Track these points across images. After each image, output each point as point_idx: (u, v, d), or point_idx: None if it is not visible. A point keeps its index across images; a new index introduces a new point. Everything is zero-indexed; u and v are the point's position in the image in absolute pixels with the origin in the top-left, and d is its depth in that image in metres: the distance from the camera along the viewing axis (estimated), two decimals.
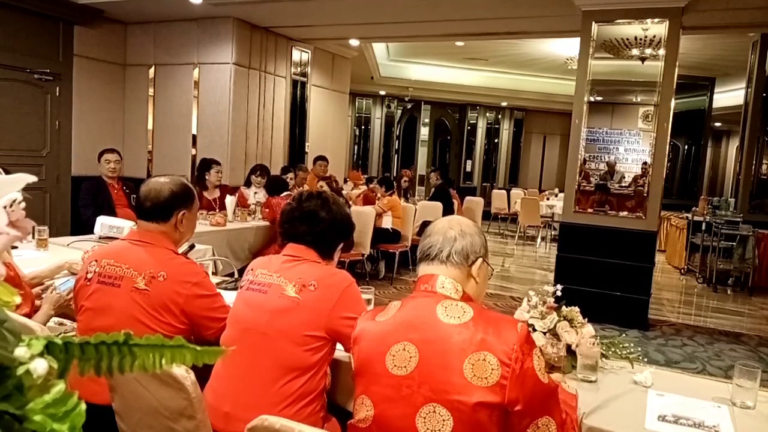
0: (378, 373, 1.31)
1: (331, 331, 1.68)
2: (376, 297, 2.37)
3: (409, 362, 1.27)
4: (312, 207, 1.85)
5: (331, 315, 1.67)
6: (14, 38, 5.91)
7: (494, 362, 1.20)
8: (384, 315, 1.38)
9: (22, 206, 0.62)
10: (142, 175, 7.04)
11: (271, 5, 5.99)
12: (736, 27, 6.08)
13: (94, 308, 1.86)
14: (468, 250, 1.39)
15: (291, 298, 1.69)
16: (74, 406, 0.44)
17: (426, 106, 13.99)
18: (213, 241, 4.43)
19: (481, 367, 1.20)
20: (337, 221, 1.87)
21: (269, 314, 1.69)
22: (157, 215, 1.92)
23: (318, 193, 1.94)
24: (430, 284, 1.37)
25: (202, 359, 0.51)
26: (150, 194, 1.92)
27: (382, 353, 1.31)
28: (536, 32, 7.05)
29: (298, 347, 1.66)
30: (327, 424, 1.75)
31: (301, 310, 1.67)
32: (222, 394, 1.70)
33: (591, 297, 4.68)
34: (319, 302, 1.68)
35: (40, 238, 3.35)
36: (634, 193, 5.19)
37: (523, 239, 10.64)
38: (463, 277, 1.39)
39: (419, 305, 1.35)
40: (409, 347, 1.28)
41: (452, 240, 1.39)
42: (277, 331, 1.67)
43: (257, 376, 1.67)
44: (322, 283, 1.71)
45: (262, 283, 1.76)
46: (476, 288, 1.41)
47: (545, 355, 1.87)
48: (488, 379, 1.20)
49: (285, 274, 1.75)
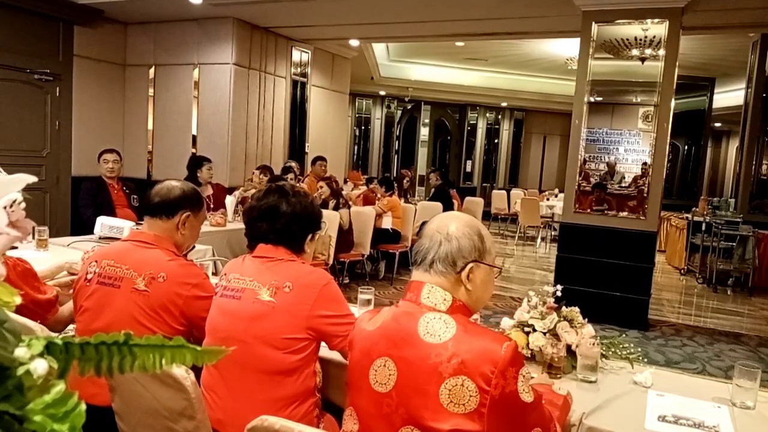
0: (362, 387, 1.27)
1: (312, 330, 1.65)
2: (376, 297, 2.37)
3: (389, 380, 1.22)
4: (270, 203, 1.78)
5: (310, 315, 1.64)
6: (14, 38, 5.91)
7: (472, 388, 1.12)
8: (374, 322, 1.31)
9: (22, 206, 0.62)
10: (142, 175, 7.05)
11: (271, 5, 5.99)
12: (736, 27, 6.09)
13: (93, 309, 1.86)
14: (454, 255, 1.27)
15: (265, 302, 1.65)
16: (74, 407, 0.44)
17: (426, 107, 13.99)
18: (213, 242, 4.43)
19: (459, 393, 1.13)
20: (298, 213, 1.78)
21: (245, 321, 1.65)
22: (163, 211, 1.93)
23: (277, 187, 1.85)
24: (415, 294, 1.28)
25: (202, 359, 0.51)
26: (161, 191, 1.96)
27: (366, 366, 1.26)
28: (536, 32, 7.05)
29: (279, 351, 1.62)
30: (323, 422, 1.74)
31: (277, 314, 1.63)
32: (212, 405, 1.67)
33: (591, 297, 4.68)
34: (296, 304, 1.64)
35: (40, 239, 3.35)
36: (634, 194, 5.19)
37: (523, 239, 10.64)
38: (452, 285, 1.28)
39: (403, 317, 1.26)
40: (389, 364, 1.23)
41: (437, 245, 1.28)
42: (255, 338, 1.63)
43: (244, 385, 1.64)
44: (298, 283, 1.66)
45: (236, 289, 1.71)
46: (469, 295, 1.29)
47: (545, 355, 1.87)
48: (465, 406, 1.13)
49: (258, 277, 1.69)
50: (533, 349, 1.92)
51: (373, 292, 2.33)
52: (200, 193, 2.08)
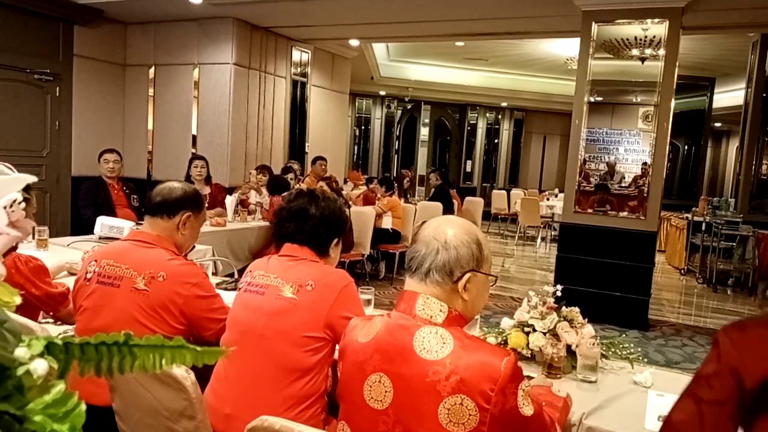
0: (357, 402, 1.23)
1: (329, 329, 1.66)
2: (376, 297, 2.37)
3: (385, 396, 1.19)
4: (300, 205, 1.82)
5: (330, 314, 1.65)
6: (14, 38, 5.91)
7: (472, 407, 1.10)
8: (366, 334, 1.26)
9: (22, 206, 0.62)
10: (142, 175, 7.05)
11: (271, 5, 5.99)
12: (736, 27, 6.08)
13: (93, 308, 1.86)
14: (452, 265, 1.22)
15: (288, 299, 1.67)
16: (74, 407, 0.44)
17: (426, 107, 13.99)
18: (213, 242, 4.43)
19: (458, 412, 1.10)
20: (326, 216, 1.81)
21: (266, 316, 1.68)
22: (164, 210, 1.95)
23: (308, 191, 1.91)
24: (409, 305, 1.23)
25: (202, 360, 0.51)
26: (162, 191, 1.98)
27: (361, 381, 1.22)
28: (536, 32, 7.05)
29: (297, 348, 1.64)
30: (328, 427, 1.74)
31: (298, 310, 1.66)
32: (223, 396, 1.69)
33: (591, 297, 4.68)
34: (317, 302, 1.66)
35: (40, 239, 3.35)
36: (634, 194, 5.19)
37: (523, 239, 10.64)
38: (448, 296, 1.23)
39: (397, 330, 1.21)
40: (385, 380, 1.19)
41: (434, 252, 1.23)
42: (274, 333, 1.65)
43: (258, 379, 1.66)
44: (320, 282, 1.69)
45: (260, 285, 1.75)
46: (465, 305, 1.25)
47: (545, 355, 1.87)
48: (465, 425, 1.10)
49: (282, 275, 1.73)
50: (533, 349, 1.92)
51: (373, 292, 2.34)
52: (201, 195, 2.09)
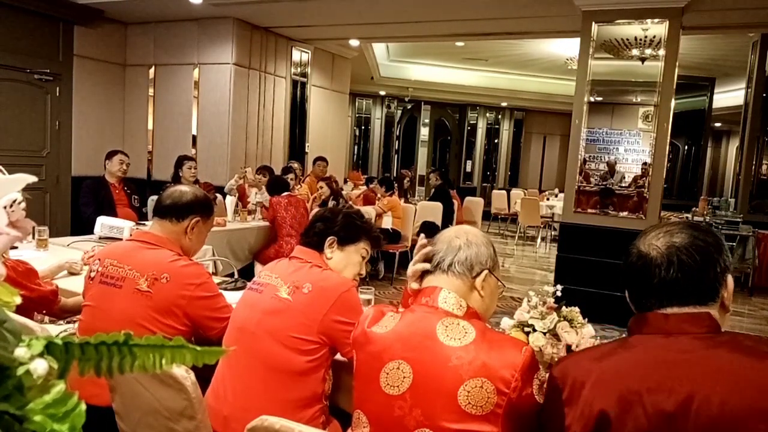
0: (372, 389, 1.27)
1: (324, 335, 1.66)
2: (375, 297, 2.38)
3: (403, 382, 1.22)
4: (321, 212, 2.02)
5: (325, 319, 1.65)
6: (14, 38, 5.91)
7: (491, 390, 1.15)
8: (381, 326, 1.31)
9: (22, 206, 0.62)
10: (142, 175, 7.05)
11: (271, 5, 5.99)
12: (736, 27, 6.08)
13: (94, 308, 1.86)
14: (473, 260, 1.33)
15: (282, 299, 1.69)
16: (74, 407, 0.44)
17: (426, 107, 13.98)
18: (213, 242, 4.42)
19: (477, 394, 1.15)
20: (323, 215, 1.94)
21: (260, 314, 1.70)
22: (173, 213, 1.96)
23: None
24: (432, 298, 1.30)
25: (202, 359, 0.51)
26: (173, 194, 2.00)
27: (377, 369, 1.26)
28: (536, 32, 7.04)
29: (285, 349, 1.64)
30: (329, 429, 1.74)
31: (290, 312, 1.66)
32: (222, 396, 1.69)
33: (591, 297, 4.67)
34: (311, 306, 1.67)
35: (40, 239, 3.34)
36: (634, 194, 5.19)
37: (523, 239, 10.64)
38: (466, 290, 1.33)
39: (418, 320, 1.28)
40: (404, 366, 1.23)
41: (456, 249, 1.34)
42: (264, 331, 1.67)
43: (250, 377, 1.67)
44: (318, 285, 1.70)
45: (261, 283, 1.78)
46: (481, 303, 1.35)
47: (545, 355, 1.87)
48: (483, 408, 1.15)
49: (283, 275, 1.75)
50: (533, 349, 1.92)
51: (373, 292, 2.34)
52: (211, 200, 2.12)
